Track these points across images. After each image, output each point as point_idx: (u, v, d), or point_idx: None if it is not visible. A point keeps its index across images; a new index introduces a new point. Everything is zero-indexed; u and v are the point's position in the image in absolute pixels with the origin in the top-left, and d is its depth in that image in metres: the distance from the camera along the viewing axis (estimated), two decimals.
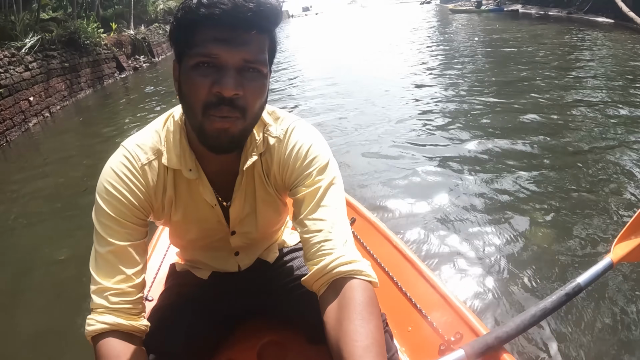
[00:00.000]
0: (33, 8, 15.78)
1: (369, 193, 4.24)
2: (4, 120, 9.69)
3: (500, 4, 30.66)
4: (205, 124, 0.99)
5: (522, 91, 7.69)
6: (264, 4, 0.94)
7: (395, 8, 63.71)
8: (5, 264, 4.32)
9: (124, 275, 1.07)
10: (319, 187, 1.10)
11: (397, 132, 6.14)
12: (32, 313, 3.37)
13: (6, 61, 10.70)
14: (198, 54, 0.96)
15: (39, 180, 6.83)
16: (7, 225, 5.28)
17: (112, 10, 22.98)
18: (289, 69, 13.94)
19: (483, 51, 13.31)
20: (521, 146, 5.09)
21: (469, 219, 3.59)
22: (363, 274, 1.02)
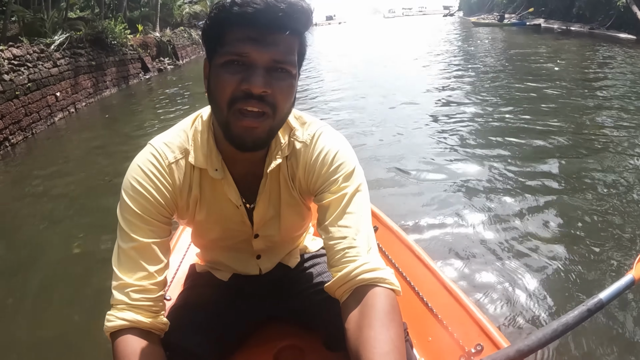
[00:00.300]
0: (61, 6, 16.04)
1: (391, 203, 4.21)
2: (30, 114, 9.86)
3: (522, 18, 30.57)
4: (232, 120, 1.00)
5: (544, 109, 7.57)
6: (295, 5, 0.95)
7: (419, 19, 63.76)
8: (22, 253, 4.38)
9: (146, 272, 1.07)
10: (344, 194, 1.09)
11: (419, 145, 6.08)
12: (52, 307, 3.39)
13: (35, 56, 10.87)
14: (228, 52, 0.97)
15: (61, 172, 6.92)
16: (28, 215, 5.36)
17: (139, 12, 23.22)
18: (311, 78, 13.97)
19: (505, 66, 13.18)
20: (543, 164, 5.00)
21: (491, 232, 3.57)
22: (386, 282, 1.01)
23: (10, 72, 9.49)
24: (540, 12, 29.63)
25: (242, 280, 1.45)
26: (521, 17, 30.66)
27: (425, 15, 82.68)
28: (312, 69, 17.06)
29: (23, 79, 9.87)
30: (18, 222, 5.27)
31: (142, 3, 24.43)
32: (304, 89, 11.56)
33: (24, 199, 6.04)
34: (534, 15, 30.00)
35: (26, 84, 9.94)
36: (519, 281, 2.92)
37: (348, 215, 1.08)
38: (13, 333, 3.11)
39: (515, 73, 11.57)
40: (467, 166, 5.14)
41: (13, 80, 9.41)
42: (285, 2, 0.93)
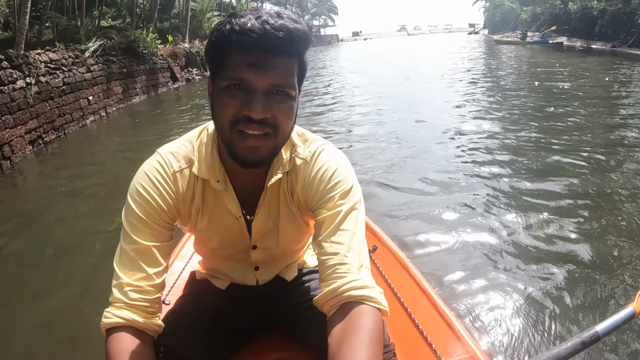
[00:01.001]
0: (94, 15, 16.48)
1: (395, 222, 4.12)
2: (64, 115, 10.19)
3: (545, 36, 30.45)
4: (235, 140, 1.02)
5: (564, 128, 7.29)
6: (293, 31, 0.96)
7: (443, 37, 63.42)
8: (47, 237, 4.60)
9: (145, 273, 1.08)
10: (339, 211, 1.10)
11: (431, 163, 5.89)
12: (64, 299, 3.48)
13: (70, 61, 11.24)
14: (229, 77, 0.98)
15: (88, 171, 7.15)
16: (56, 206, 5.60)
17: (169, 23, 23.71)
18: (332, 92, 13.92)
19: (526, 84, 12.81)
20: (553, 185, 4.77)
21: (492, 257, 3.44)
22: (373, 301, 1.01)
23: (47, 74, 9.81)
24: (563, 30, 29.52)
25: (239, 290, 1.45)
26: (544, 36, 30.49)
27: (450, 33, 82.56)
28: (335, 82, 17.17)
29: (58, 81, 10.21)
30: (46, 212, 5.51)
31: (172, 15, 24.95)
32: (325, 103, 11.59)
33: (53, 192, 6.27)
34: (557, 33, 29.86)
35: (61, 86, 10.27)
36: (515, 309, 2.82)
37: (342, 232, 1.08)
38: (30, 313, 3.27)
39: (536, 91, 11.27)
40: (476, 185, 4.95)
41: (49, 83, 9.73)
42: (283, 29, 0.95)
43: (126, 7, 21.04)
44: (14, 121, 8.14)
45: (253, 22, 0.94)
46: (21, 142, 8.28)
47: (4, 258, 4.27)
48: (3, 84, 8.09)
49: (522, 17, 40.49)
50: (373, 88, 13.75)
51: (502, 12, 49.70)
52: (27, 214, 5.61)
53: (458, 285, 3.06)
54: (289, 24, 0.96)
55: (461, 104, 9.86)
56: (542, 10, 34.50)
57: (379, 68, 21.86)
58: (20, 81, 8.65)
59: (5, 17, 14.95)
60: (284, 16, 0.98)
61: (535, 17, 36.61)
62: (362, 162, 5.96)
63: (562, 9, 30.24)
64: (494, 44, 34.28)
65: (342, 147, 6.43)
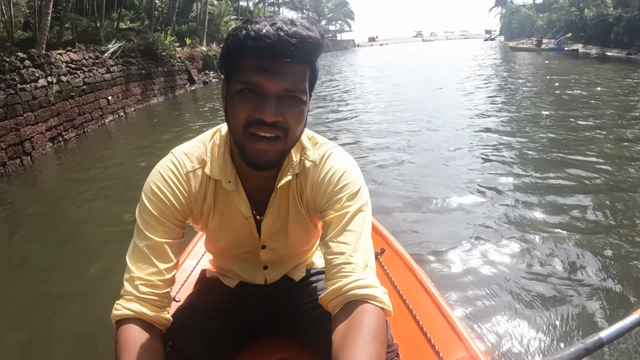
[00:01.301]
0: (113, 17, 16.73)
1: (404, 225, 4.11)
2: (83, 114, 10.40)
3: (560, 43, 30.27)
4: (247, 142, 1.05)
5: (581, 136, 7.11)
6: (306, 38, 0.99)
7: (459, 43, 62.99)
8: (64, 229, 4.76)
9: (156, 268, 1.11)
10: (347, 212, 1.11)
11: (443, 169, 5.83)
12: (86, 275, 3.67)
13: (90, 62, 11.46)
14: (242, 81, 1.01)
15: (105, 168, 7.32)
16: (73, 200, 5.76)
17: (187, 26, 23.93)
18: (346, 98, 13.90)
19: (542, 92, 12.49)
20: (563, 193, 4.70)
21: (499, 263, 3.42)
22: (377, 300, 1.02)
23: (68, 74, 10.04)
24: (579, 37, 29.36)
25: (248, 289, 1.47)
26: (559, 43, 30.32)
27: (467, 39, 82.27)
28: (349, 88, 17.19)
29: (79, 81, 10.44)
30: (62, 205, 5.69)
31: (190, 18, 25.19)
32: (340, 109, 11.49)
33: (70, 187, 6.45)
34: (573, 40, 29.69)
35: (81, 86, 10.50)
36: (520, 315, 2.80)
37: (348, 233, 1.10)
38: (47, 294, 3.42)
39: (552, 98, 11.10)
40: (488, 195, 4.81)
41: (70, 82, 9.95)
42: (297, 36, 0.97)
43: (144, 10, 21.27)
44: (35, 118, 8.34)
45: (268, 28, 0.97)
46: (42, 139, 8.47)
47: (20, 248, 4.46)
48: (25, 82, 8.29)
49: (538, 24, 40.31)
50: (387, 94, 13.59)
51: (519, 19, 49.53)
52: (44, 206, 5.81)
53: (464, 290, 3.06)
54: (302, 31, 0.98)
55: (475, 111, 9.74)
56: (558, 17, 34.33)
57: (394, 74, 21.73)
58: (42, 80, 8.87)
59: (26, 17, 15.22)
60: (298, 24, 1.00)
61: (551, 23, 36.44)
62: (374, 166, 6.00)
63: (578, 16, 30.09)
64: (509, 50, 34.14)
65: (354, 151, 6.44)
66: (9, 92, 7.72)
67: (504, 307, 2.87)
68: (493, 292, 3.02)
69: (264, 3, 48.75)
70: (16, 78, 8.10)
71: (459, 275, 3.24)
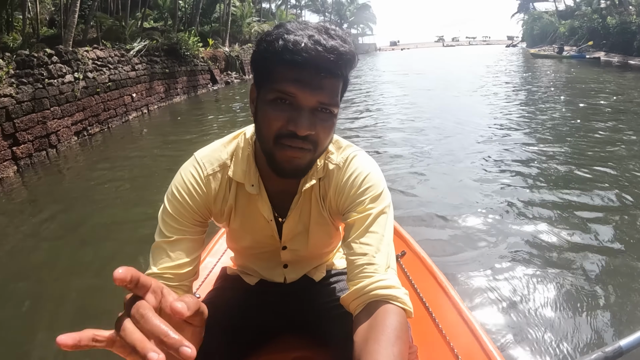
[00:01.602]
0: (137, 16, 17.02)
1: (426, 229, 4.10)
2: (108, 110, 10.67)
3: (582, 50, 29.95)
4: (276, 151, 1.04)
5: (607, 151, 6.67)
6: (344, 54, 0.98)
7: (480, 49, 62.35)
8: (85, 217, 4.92)
9: (174, 262, 1.13)
10: (369, 214, 1.12)
11: (466, 174, 5.73)
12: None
13: (116, 59, 11.70)
14: (277, 90, 1.00)
15: (128, 162, 7.56)
16: (95, 192, 5.92)
17: (209, 27, 24.21)
18: (368, 101, 13.73)
19: (564, 99, 12.19)
20: (587, 199, 4.65)
21: (521, 269, 3.38)
22: (399, 301, 1.02)
23: (94, 70, 10.28)
24: (601, 45, 29.05)
25: (268, 287, 1.49)
26: (580, 50, 30.03)
27: (489, 45, 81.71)
28: (371, 93, 17.15)
29: (104, 78, 10.68)
30: (84, 196, 5.89)
31: (212, 19, 25.47)
32: (361, 115, 11.19)
33: (93, 179, 6.68)
34: (595, 48, 29.37)
35: (107, 83, 10.74)
36: (540, 321, 2.77)
37: (370, 234, 1.10)
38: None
39: (574, 109, 10.63)
40: (510, 201, 4.75)
41: (95, 79, 10.19)
42: (335, 52, 0.96)
43: (168, 10, 21.61)
44: (62, 112, 8.59)
45: (306, 41, 0.95)
46: (67, 132, 8.71)
47: (42, 234, 4.64)
48: (53, 77, 8.53)
49: (560, 31, 39.95)
50: (409, 98, 13.54)
51: (541, 26, 49.10)
52: (68, 196, 6.03)
53: (485, 296, 3.04)
54: (339, 46, 0.97)
55: (497, 118, 9.57)
56: (580, 24, 34.00)
57: (415, 78, 21.64)
58: (69, 76, 9.11)
59: (51, 14, 15.55)
60: (334, 35, 0.99)
61: (573, 30, 36.07)
62: (395, 171, 5.95)
63: (600, 24, 29.78)
64: (530, 57, 33.88)
65: (375, 155, 6.42)
66: (37, 86, 7.94)
67: (524, 312, 2.85)
68: (514, 300, 3.00)
69: (286, 5, 48.97)
70: (44, 73, 8.33)
71: (480, 282, 3.21)
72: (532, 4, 57.67)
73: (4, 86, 7.24)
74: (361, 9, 74.61)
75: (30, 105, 7.64)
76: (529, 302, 2.96)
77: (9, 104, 7.12)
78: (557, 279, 3.22)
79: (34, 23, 11.55)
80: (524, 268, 3.37)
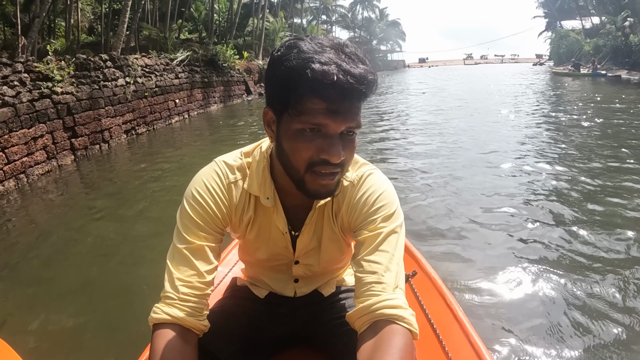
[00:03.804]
0: (173, 28, 17.89)
1: (439, 249, 3.90)
2: (154, 112, 11.53)
3: (604, 68, 29.76)
4: (308, 179, 1.03)
5: (629, 169, 6.19)
6: (372, 82, 0.96)
7: (508, 67, 61.16)
8: (130, 209, 5.55)
9: (196, 270, 1.11)
10: (380, 233, 1.10)
11: (485, 194, 5.36)
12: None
13: (161, 67, 12.57)
14: (307, 122, 0.96)
15: (169, 160, 8.27)
16: (139, 185, 6.71)
17: (242, 40, 25.03)
18: (395, 114, 13.70)
19: (589, 119, 11.07)
20: (611, 227, 4.18)
21: (535, 298, 3.14)
22: (405, 321, 0.99)
23: (143, 76, 11.15)
24: (624, 63, 28.90)
25: (277, 300, 1.45)
26: (600, 68, 29.79)
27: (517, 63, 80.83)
28: (397, 110, 17.24)
29: (151, 84, 11.53)
30: (130, 185, 6.63)
31: (245, 32, 26.31)
32: (383, 129, 10.79)
33: (137, 171, 7.43)
34: (618, 66, 29.20)
35: (153, 88, 11.59)
36: (553, 354, 2.57)
37: (380, 253, 1.08)
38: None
39: (599, 128, 9.78)
40: (529, 225, 4.36)
41: (144, 84, 11.05)
42: (365, 82, 0.93)
43: (203, 22, 22.56)
44: (114, 112, 9.45)
45: (336, 72, 0.90)
46: (118, 130, 9.54)
47: (93, 215, 5.34)
48: (107, 80, 9.38)
49: (586, 49, 39.79)
50: (432, 117, 12.81)
51: (567, 44, 48.78)
52: (115, 183, 6.86)
53: (496, 321, 2.86)
54: (367, 74, 0.94)
55: (520, 139, 9.03)
56: (605, 42, 33.90)
57: (442, 98, 20.57)
58: (121, 79, 9.96)
59: (90, 22, 16.32)
60: (355, 58, 0.95)
61: (597, 49, 35.96)
62: (412, 188, 5.66)
63: (623, 42, 29.71)
64: (553, 75, 33.78)
65: (392, 171, 6.39)
66: (93, 87, 8.79)
67: (536, 342, 2.65)
68: (526, 326, 2.81)
69: (317, 21, 49.73)
70: (100, 76, 9.19)
71: (491, 306, 3.03)
72: (559, 22, 57.28)
73: (66, 85, 8.06)
74: (390, 25, 74.66)
75: (88, 103, 8.49)
76: (542, 334, 2.74)
77: (70, 101, 7.98)
78: (577, 311, 2.95)
79: (74, 30, 12.17)
80: (542, 300, 3.12)
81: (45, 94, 7.44)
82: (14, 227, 5.08)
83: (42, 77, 7.61)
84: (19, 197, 6.13)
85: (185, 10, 20.01)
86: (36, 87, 7.33)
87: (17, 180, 6.44)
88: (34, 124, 7.03)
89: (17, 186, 6.38)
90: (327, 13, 58.88)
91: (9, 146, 6.31)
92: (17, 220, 5.27)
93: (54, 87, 7.69)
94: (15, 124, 6.53)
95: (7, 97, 6.50)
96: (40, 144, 7.17)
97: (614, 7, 34.05)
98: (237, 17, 23.72)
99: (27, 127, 6.84)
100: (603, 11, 38.25)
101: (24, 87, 7.07)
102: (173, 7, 18.55)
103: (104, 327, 3.02)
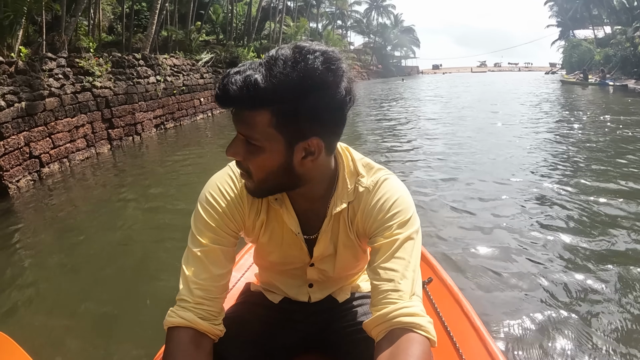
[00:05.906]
0: (191, 29, 18.39)
1: (455, 257, 3.76)
2: (181, 109, 12.23)
3: (612, 77, 29.71)
4: None
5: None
6: (244, 86, 0.89)
7: (520, 75, 60.47)
8: (155, 199, 6.04)
9: (210, 273, 1.10)
10: (396, 240, 1.07)
11: (502, 203, 5.17)
12: None
13: (188, 68, 13.31)
14: None
15: (195, 153, 8.88)
16: (165, 175, 7.31)
17: (260, 43, 25.51)
18: (409, 121, 13.19)
19: (596, 127, 10.86)
20: (625, 242, 3.93)
21: (554, 308, 2.99)
22: (422, 329, 0.96)
23: (172, 75, 11.85)
24: (632, 73, 28.85)
25: (291, 306, 1.43)
26: (603, 77, 29.68)
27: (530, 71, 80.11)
28: (404, 119, 17.20)
29: (179, 82, 12.22)
30: (158, 174, 7.28)
31: (262, 35, 26.87)
32: (396, 135, 10.58)
33: (165, 162, 8.07)
34: (626, 76, 29.15)
35: (181, 87, 12.28)
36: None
37: (397, 260, 1.05)
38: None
39: (610, 138, 9.18)
40: (547, 236, 4.16)
41: (173, 82, 11.75)
42: (238, 84, 0.89)
43: (220, 24, 23.16)
44: (147, 107, 10.14)
45: (226, 76, 0.92)
46: (149, 124, 10.21)
47: (123, 198, 5.93)
48: (140, 77, 10.10)
49: (596, 59, 39.76)
50: (443, 127, 11.77)
51: (579, 53, 48.69)
52: (146, 171, 7.49)
53: (514, 330, 2.75)
54: (248, 79, 0.90)
55: (538, 147, 8.63)
56: (615, 52, 33.91)
57: (455, 105, 19.89)
58: (152, 77, 10.65)
59: (110, 22, 16.72)
60: (268, 66, 0.91)
61: (608, 59, 35.96)
62: (427, 194, 5.47)
63: (632, 52, 29.75)
64: (562, 84, 33.76)
65: (408, 177, 6.27)
66: (128, 83, 9.49)
67: (559, 354, 2.54)
68: (547, 336, 2.69)
69: (333, 26, 50.14)
70: (134, 73, 9.87)
71: (509, 314, 2.91)
72: (572, 32, 57.16)
73: (104, 80, 8.71)
74: (405, 32, 74.52)
75: (124, 98, 9.17)
76: (559, 345, 2.61)
77: (108, 95, 8.66)
78: (597, 327, 2.77)
79: (95, 29, 12.66)
80: (560, 309, 2.96)
81: (86, 87, 8.09)
82: (54, 205, 5.63)
83: (84, 72, 8.22)
84: (62, 178, 6.73)
85: (204, 13, 20.59)
86: (78, 80, 7.97)
87: (60, 163, 7.02)
88: (76, 114, 7.66)
89: (60, 169, 6.97)
90: (342, 18, 59.18)
91: (55, 132, 6.91)
92: (59, 203, 5.77)
93: (94, 81, 8.34)
94: (60, 113, 7.15)
95: (53, 88, 7.08)
96: (81, 132, 7.79)
97: (627, 17, 34.09)
98: (257, 21, 24.28)
99: (71, 117, 7.47)
100: (616, 21, 38.23)
101: (67, 80, 7.69)
102: (192, 9, 19.14)
103: (123, 319, 2.98)
